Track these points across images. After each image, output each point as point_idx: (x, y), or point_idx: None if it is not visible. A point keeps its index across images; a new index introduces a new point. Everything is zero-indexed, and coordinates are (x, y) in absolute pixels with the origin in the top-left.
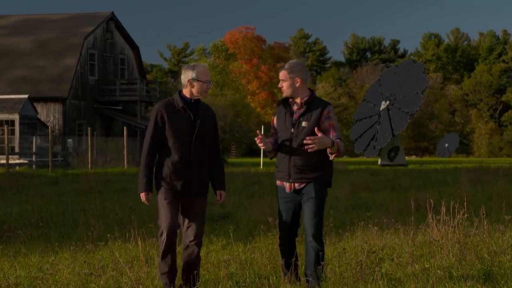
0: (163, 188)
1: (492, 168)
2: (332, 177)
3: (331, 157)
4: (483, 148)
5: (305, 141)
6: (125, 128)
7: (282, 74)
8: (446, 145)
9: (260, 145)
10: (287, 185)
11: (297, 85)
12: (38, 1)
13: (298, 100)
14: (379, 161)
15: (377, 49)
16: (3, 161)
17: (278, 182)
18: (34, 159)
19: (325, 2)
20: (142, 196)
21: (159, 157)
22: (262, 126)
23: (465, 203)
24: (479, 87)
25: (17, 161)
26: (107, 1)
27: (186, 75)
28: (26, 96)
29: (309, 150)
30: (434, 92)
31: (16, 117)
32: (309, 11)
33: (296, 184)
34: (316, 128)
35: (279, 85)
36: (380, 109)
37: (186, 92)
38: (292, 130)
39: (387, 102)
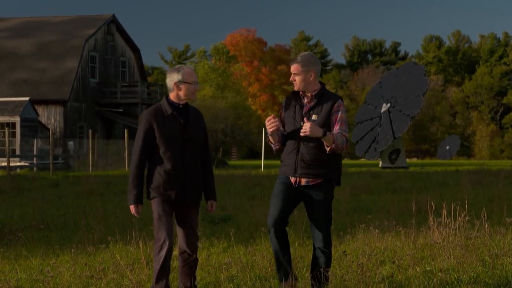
0: (158, 200)
1: (493, 170)
2: (341, 175)
3: (327, 150)
4: (484, 150)
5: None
6: (126, 130)
7: (295, 68)
8: (447, 147)
9: (270, 126)
10: (292, 179)
11: (311, 79)
12: (39, 4)
13: (308, 93)
14: (380, 164)
15: (378, 51)
16: (4, 164)
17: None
18: (35, 162)
19: (326, 4)
20: (132, 208)
21: (150, 166)
22: (263, 129)
23: (466, 206)
24: (480, 89)
25: (18, 164)
26: (108, 3)
27: (172, 78)
28: (27, 98)
29: (301, 135)
30: (435, 95)
31: (17, 119)
32: (310, 14)
33: (303, 180)
34: (305, 118)
35: (291, 79)
36: (381, 112)
37: (173, 96)
38: (302, 123)
39: (388, 105)
